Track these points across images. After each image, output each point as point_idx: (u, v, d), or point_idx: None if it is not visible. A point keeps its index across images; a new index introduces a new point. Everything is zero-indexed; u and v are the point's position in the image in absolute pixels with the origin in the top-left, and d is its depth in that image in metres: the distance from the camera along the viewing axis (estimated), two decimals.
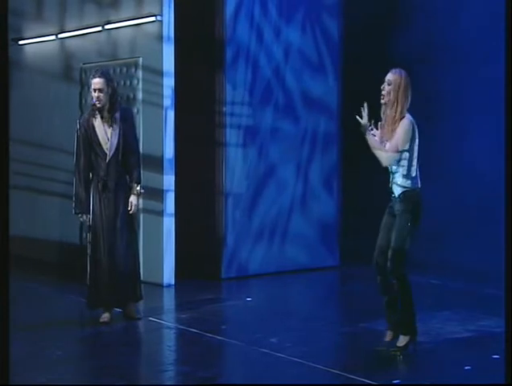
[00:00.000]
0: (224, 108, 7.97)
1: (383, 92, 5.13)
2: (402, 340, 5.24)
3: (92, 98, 6.15)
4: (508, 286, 3.16)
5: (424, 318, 5.95)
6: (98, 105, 6.07)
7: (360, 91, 9.03)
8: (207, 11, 8.04)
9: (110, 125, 6.08)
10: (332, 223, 8.80)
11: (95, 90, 6.06)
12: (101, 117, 6.10)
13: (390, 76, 5.14)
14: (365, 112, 5.03)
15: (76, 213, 6.22)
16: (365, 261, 8.36)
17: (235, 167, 8.08)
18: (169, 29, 7.63)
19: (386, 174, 5.22)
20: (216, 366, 5.20)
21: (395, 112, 5.08)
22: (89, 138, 6.09)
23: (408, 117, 5.12)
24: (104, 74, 6.14)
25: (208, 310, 6.67)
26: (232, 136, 8.05)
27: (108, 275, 6.14)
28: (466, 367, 4.96)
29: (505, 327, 3.20)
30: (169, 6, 7.64)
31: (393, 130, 5.09)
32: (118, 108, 6.14)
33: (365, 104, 5.03)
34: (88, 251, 6.22)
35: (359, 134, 5.06)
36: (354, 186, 9.02)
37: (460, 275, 7.91)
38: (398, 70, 5.17)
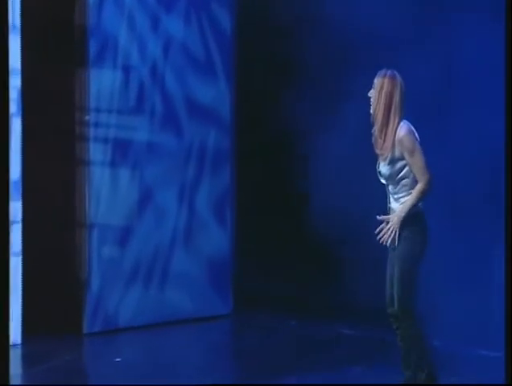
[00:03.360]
0: (86, 117, 7.90)
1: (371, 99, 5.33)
2: None
3: None
4: (508, 287, 3.83)
5: (332, 376, 6.22)
6: None
7: (258, 98, 9.07)
8: None
9: None
10: (223, 260, 8.75)
11: None
12: None
13: (375, 79, 5.31)
14: (385, 228, 5.22)
15: None
16: (262, 307, 8.61)
17: (101, 191, 7.96)
18: (14, 15, 7.40)
19: (288, 201, 5.21)
20: None
21: (383, 119, 5.23)
22: None
23: (404, 127, 5.21)
24: None
25: (65, 376, 6.68)
26: (97, 152, 7.93)
27: None
28: None
29: (505, 327, 3.81)
30: None
31: (385, 141, 5.21)
32: None
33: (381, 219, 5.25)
34: None
35: (256, 150, 5.07)
36: (251, 216, 9.03)
37: (377, 323, 7.76)
38: (383, 71, 5.31)
